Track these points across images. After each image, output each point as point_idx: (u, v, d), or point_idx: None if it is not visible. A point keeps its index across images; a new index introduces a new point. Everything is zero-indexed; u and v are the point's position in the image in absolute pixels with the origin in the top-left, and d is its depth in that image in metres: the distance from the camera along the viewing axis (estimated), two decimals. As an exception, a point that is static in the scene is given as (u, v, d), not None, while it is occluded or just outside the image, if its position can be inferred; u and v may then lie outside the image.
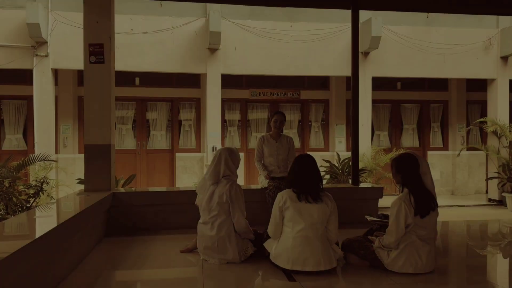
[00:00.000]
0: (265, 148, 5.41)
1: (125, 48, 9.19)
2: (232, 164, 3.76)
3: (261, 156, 5.44)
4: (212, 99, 9.47)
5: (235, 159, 3.81)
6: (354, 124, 5.74)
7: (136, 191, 5.31)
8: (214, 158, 3.81)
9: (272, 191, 5.10)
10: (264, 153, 5.43)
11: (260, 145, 5.43)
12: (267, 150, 5.40)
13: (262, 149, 5.43)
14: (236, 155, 3.83)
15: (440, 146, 12.21)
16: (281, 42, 9.67)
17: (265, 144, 5.42)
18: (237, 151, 3.89)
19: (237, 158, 3.84)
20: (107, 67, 5.05)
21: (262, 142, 5.43)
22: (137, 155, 10.98)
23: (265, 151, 5.42)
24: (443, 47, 10.19)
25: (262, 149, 5.43)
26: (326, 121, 11.69)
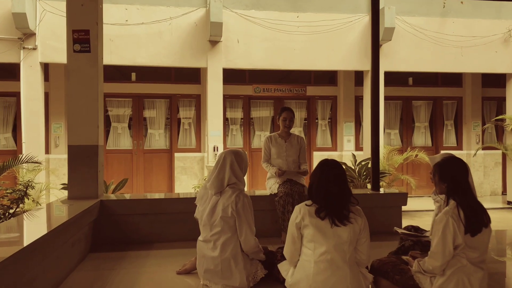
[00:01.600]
0: (273, 149, 4.78)
1: (120, 40, 8.55)
2: (239, 170, 3.13)
3: (268, 158, 4.81)
4: (213, 95, 8.82)
5: (243, 163, 3.18)
6: (374, 122, 5.10)
7: (128, 198, 4.67)
8: (217, 163, 3.18)
9: (283, 198, 4.47)
10: (272, 154, 4.80)
11: (267, 146, 4.79)
12: (275, 151, 4.77)
13: (270, 150, 4.79)
14: (243, 159, 3.19)
15: (454, 145, 11.57)
16: (286, 34, 9.02)
17: (272, 145, 4.79)
18: (245, 154, 3.25)
19: (244, 163, 3.20)
20: (93, 57, 4.41)
21: (269, 142, 4.80)
22: (134, 155, 10.34)
23: (273, 152, 4.79)
24: (459, 40, 9.53)
25: (269, 150, 4.79)
26: (334, 119, 11.05)
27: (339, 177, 2.84)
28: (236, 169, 3.11)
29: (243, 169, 3.17)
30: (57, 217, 3.55)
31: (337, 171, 2.85)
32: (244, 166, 3.19)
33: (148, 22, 8.54)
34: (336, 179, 2.82)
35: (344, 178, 2.87)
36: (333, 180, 2.82)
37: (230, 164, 3.10)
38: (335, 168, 2.86)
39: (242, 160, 3.17)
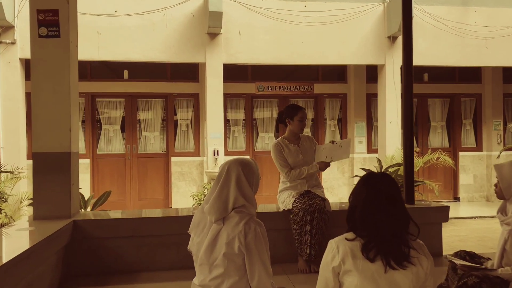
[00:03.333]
0: (287, 157, 3.93)
1: (109, 33, 7.71)
2: (248, 188, 2.27)
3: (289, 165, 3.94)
4: (213, 93, 7.97)
5: (253, 177, 2.32)
6: (407, 123, 4.23)
7: (108, 217, 3.81)
8: (218, 177, 2.32)
9: (299, 215, 3.62)
10: None
11: (281, 155, 3.93)
12: (291, 159, 3.92)
13: (285, 158, 3.94)
14: (254, 171, 2.34)
15: (473, 146, 10.71)
16: (293, 25, 8.16)
17: (285, 152, 3.94)
18: (255, 165, 2.38)
19: (255, 176, 2.35)
20: (64, 44, 3.56)
21: (282, 150, 3.94)
22: (127, 160, 9.49)
23: (288, 160, 3.94)
24: (483, 31, 8.68)
25: (285, 158, 3.94)
26: (344, 119, 10.19)
27: (394, 197, 1.99)
28: (245, 186, 2.26)
29: (253, 186, 2.32)
30: (8, 250, 2.70)
31: (391, 189, 2.00)
32: (255, 181, 2.34)
33: (140, 13, 7.70)
34: (390, 201, 1.97)
35: (401, 199, 2.03)
36: (387, 202, 1.97)
37: (236, 179, 2.25)
38: (388, 185, 2.01)
39: (252, 173, 2.32)
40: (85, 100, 9.27)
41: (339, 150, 3.91)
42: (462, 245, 6.41)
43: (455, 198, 10.61)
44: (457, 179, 10.53)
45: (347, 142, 3.97)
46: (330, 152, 3.93)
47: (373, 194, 1.97)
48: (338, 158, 4.00)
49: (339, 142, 3.96)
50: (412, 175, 4.16)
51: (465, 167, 10.53)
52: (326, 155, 3.94)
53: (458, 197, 10.54)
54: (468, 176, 10.53)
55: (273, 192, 9.79)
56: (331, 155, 3.93)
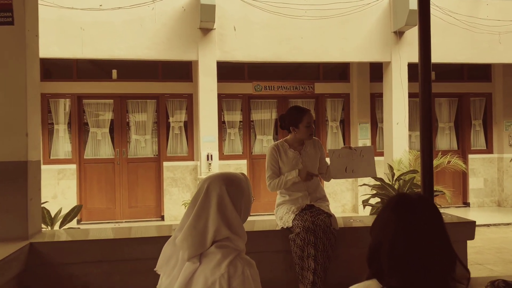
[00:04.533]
0: (283, 165, 3.34)
1: (93, 29, 7.13)
2: (234, 214, 1.67)
3: (278, 173, 3.36)
4: (206, 93, 7.39)
5: (242, 199, 1.72)
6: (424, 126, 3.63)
7: (72, 239, 3.22)
8: (194, 198, 1.72)
9: (301, 235, 3.04)
10: (282, 172, 3.36)
11: (274, 160, 3.34)
12: (288, 167, 3.33)
13: (278, 165, 3.35)
14: (244, 192, 1.72)
15: (483, 148, 10.12)
16: (292, 20, 7.59)
17: (281, 159, 3.34)
18: (246, 183, 1.78)
19: (245, 197, 1.74)
20: (19, 32, 2.98)
21: (277, 154, 3.34)
22: (116, 165, 8.91)
23: (284, 169, 3.35)
24: (495, 25, 8.11)
25: (278, 165, 3.35)
26: (347, 120, 9.61)
27: (437, 230, 1.41)
28: (230, 211, 1.67)
29: (242, 211, 1.73)
30: None
31: (433, 219, 1.42)
32: (244, 204, 1.74)
33: (127, 7, 7.12)
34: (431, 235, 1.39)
35: (445, 232, 1.44)
36: (427, 238, 1.39)
37: (218, 202, 1.66)
38: (428, 213, 1.43)
39: (240, 194, 1.72)
40: (71, 101, 8.71)
41: (361, 161, 3.28)
42: (479, 258, 5.83)
43: (464, 203, 10.03)
44: (467, 183, 9.95)
45: (369, 151, 3.31)
46: (350, 163, 3.29)
47: (407, 226, 1.39)
48: (362, 174, 3.37)
49: (358, 150, 3.30)
50: (431, 185, 3.56)
51: (475, 171, 9.94)
52: (346, 166, 3.31)
53: (467, 202, 9.96)
54: (478, 180, 9.95)
55: (272, 199, 9.23)
56: (352, 166, 3.30)
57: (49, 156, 8.63)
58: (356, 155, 3.26)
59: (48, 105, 8.69)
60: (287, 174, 3.28)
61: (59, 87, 8.63)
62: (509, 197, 9.81)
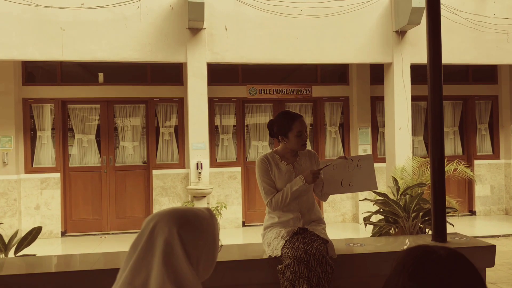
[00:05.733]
0: (276, 180, 2.87)
1: (74, 29, 6.67)
2: (186, 269, 1.19)
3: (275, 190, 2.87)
4: (195, 97, 6.92)
5: (200, 248, 1.23)
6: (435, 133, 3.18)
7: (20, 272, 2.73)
8: (135, 242, 1.26)
9: (291, 267, 2.55)
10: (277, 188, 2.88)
11: (266, 173, 2.87)
12: (282, 183, 2.86)
13: (273, 180, 2.88)
14: (203, 235, 1.24)
15: (490, 154, 9.64)
16: (287, 19, 7.13)
17: (273, 173, 2.87)
18: (210, 221, 1.29)
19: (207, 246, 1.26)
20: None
21: (269, 167, 2.88)
22: (103, 173, 8.44)
23: (277, 185, 2.88)
24: (503, 23, 7.65)
25: (272, 179, 2.88)
26: (346, 125, 9.14)
27: None
28: (180, 263, 1.18)
29: (201, 263, 1.25)
30: None
31: None
32: (205, 254, 1.25)
33: (110, 5, 6.65)
34: None
35: None
36: None
37: (164, 249, 1.18)
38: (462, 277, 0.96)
39: (200, 239, 1.23)
40: (55, 106, 8.24)
41: (359, 173, 2.80)
42: (491, 276, 5.34)
43: (470, 211, 9.55)
44: (473, 191, 9.47)
45: (368, 160, 2.83)
46: (347, 175, 2.82)
47: None
48: (361, 188, 2.89)
49: (355, 160, 2.83)
50: (443, 202, 3.09)
51: (481, 177, 9.47)
52: (342, 179, 2.84)
53: (473, 210, 9.48)
54: (485, 187, 9.47)
55: None
56: (349, 179, 2.82)
57: (31, 164, 8.16)
58: (353, 165, 2.78)
59: (30, 111, 8.22)
60: (290, 184, 2.79)
61: (42, 91, 8.16)
62: (518, 205, 9.32)
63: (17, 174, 7.94)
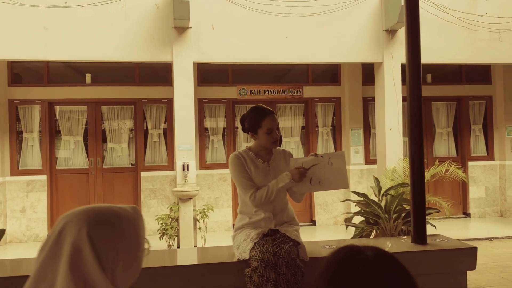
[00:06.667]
0: (254, 178, 2.74)
1: (58, 28, 6.55)
2: (97, 273, 1.05)
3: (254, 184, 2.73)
4: (182, 97, 6.79)
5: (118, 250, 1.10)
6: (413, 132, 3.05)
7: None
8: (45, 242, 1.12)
9: (258, 271, 2.42)
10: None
11: (243, 169, 2.73)
12: (257, 180, 2.73)
13: (249, 174, 2.74)
14: (120, 236, 1.10)
15: (484, 155, 9.51)
16: (276, 18, 7.01)
17: (250, 170, 2.75)
18: (131, 221, 1.15)
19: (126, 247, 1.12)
20: None
21: (244, 163, 2.75)
22: (90, 175, 8.30)
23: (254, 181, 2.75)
24: (495, 22, 7.54)
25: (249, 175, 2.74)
26: (338, 125, 9.02)
27: None
28: (90, 269, 1.05)
29: (118, 269, 1.10)
30: None
31: None
32: (124, 258, 1.11)
33: (94, 4, 6.53)
34: None
35: None
36: None
37: (71, 253, 1.06)
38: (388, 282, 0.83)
39: (117, 241, 1.09)
40: (41, 107, 8.11)
41: (330, 171, 2.67)
42: (481, 279, 5.21)
43: (464, 214, 9.42)
44: (467, 192, 9.34)
45: (340, 157, 2.68)
46: (317, 173, 2.68)
47: None
48: (331, 186, 2.73)
49: (326, 157, 2.68)
50: (423, 202, 2.96)
51: (475, 179, 9.34)
52: (312, 177, 2.70)
53: (468, 212, 9.34)
54: (479, 188, 9.34)
55: None
56: (319, 177, 2.69)
57: (17, 166, 8.02)
58: (323, 163, 2.64)
59: (16, 112, 8.10)
60: (276, 181, 2.66)
61: (29, 92, 8.04)
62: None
63: (2, 176, 7.81)
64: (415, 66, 3.10)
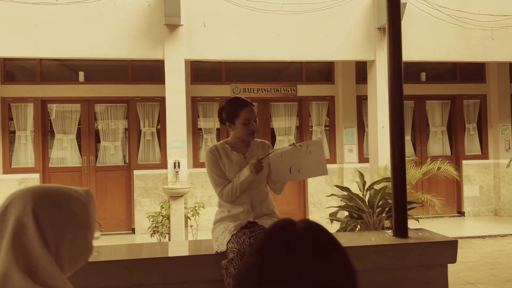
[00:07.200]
0: (227, 172, 2.74)
1: (48, 26, 6.54)
2: (41, 252, 1.04)
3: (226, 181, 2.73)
4: (173, 95, 6.78)
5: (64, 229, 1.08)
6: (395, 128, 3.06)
7: None
8: None
9: (234, 262, 2.41)
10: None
11: (215, 164, 2.72)
12: (233, 174, 2.72)
13: (222, 170, 2.73)
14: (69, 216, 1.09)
15: (478, 154, 9.50)
16: (268, 15, 7.01)
17: (223, 164, 2.74)
18: (82, 201, 1.16)
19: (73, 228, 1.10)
20: None
21: (218, 158, 2.74)
22: (83, 174, 8.29)
23: (228, 176, 2.74)
24: (488, 20, 7.53)
25: (222, 170, 2.73)
26: (332, 124, 9.01)
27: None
28: (33, 248, 1.03)
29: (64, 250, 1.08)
30: None
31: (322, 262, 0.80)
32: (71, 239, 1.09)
33: (85, 1, 6.53)
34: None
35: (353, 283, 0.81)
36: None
37: (14, 229, 1.05)
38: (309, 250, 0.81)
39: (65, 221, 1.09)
40: (34, 106, 8.10)
41: (308, 159, 2.67)
42: (471, 276, 5.20)
43: (459, 213, 9.40)
44: (461, 191, 9.32)
45: (318, 146, 2.69)
46: (295, 162, 2.68)
47: (274, 275, 0.78)
48: (310, 174, 2.74)
49: (304, 146, 2.68)
50: (404, 196, 2.96)
51: (469, 178, 9.32)
52: (291, 166, 2.70)
53: (462, 211, 9.33)
54: (474, 187, 9.32)
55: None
56: (298, 166, 2.68)
57: (9, 164, 8.01)
58: (302, 152, 2.64)
59: (9, 110, 8.09)
60: (238, 175, 2.66)
61: (22, 90, 8.04)
62: (507, 206, 9.16)
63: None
64: (396, 60, 3.10)
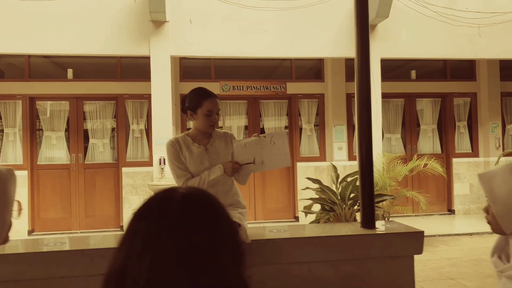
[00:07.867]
0: (188, 164, 2.73)
1: (34, 22, 6.54)
2: None
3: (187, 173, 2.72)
4: (159, 91, 6.77)
5: None
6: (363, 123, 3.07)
7: None
8: None
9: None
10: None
11: (176, 156, 2.71)
12: (193, 167, 2.71)
13: (183, 162, 2.72)
14: None
15: (469, 152, 9.49)
16: (255, 12, 7.00)
17: (184, 156, 2.72)
18: (4, 176, 1.19)
19: None
20: None
21: (179, 150, 2.73)
22: (72, 171, 8.27)
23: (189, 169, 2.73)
24: (475, 17, 7.53)
25: (183, 163, 2.72)
26: (321, 122, 9.00)
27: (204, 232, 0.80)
28: None
29: None
30: None
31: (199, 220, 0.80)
32: None
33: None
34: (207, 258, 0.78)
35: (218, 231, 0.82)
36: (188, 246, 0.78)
37: None
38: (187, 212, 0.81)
39: None
40: (22, 103, 8.09)
41: (272, 150, 2.67)
42: (454, 272, 5.18)
43: (449, 211, 9.39)
44: (451, 189, 9.31)
45: (281, 136, 2.69)
46: (259, 153, 2.68)
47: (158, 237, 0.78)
48: (274, 165, 2.76)
49: (268, 136, 2.68)
50: (372, 187, 2.95)
51: (459, 175, 9.31)
52: (255, 157, 2.69)
53: (452, 209, 9.31)
54: (464, 185, 9.31)
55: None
56: (262, 157, 2.68)
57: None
58: (265, 143, 2.64)
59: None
60: (208, 172, 2.65)
61: (9, 87, 8.02)
62: (497, 204, 9.13)
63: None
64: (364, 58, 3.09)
